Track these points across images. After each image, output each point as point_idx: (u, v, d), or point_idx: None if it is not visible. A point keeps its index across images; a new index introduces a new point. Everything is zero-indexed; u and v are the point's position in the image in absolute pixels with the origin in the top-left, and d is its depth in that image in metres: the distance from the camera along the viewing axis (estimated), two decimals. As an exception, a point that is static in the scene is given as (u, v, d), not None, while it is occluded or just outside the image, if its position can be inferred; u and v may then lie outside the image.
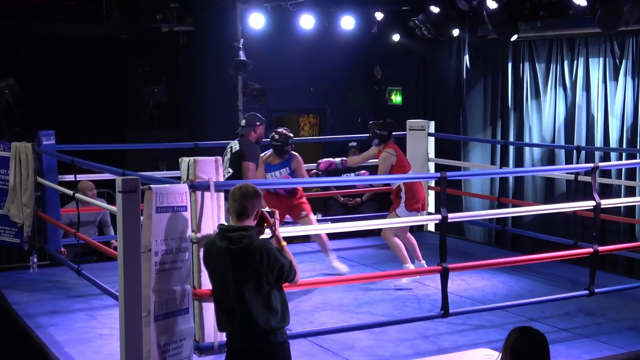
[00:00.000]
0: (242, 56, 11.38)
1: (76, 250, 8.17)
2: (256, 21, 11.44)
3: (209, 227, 5.38)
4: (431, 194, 10.27)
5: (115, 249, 6.36)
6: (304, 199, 8.42)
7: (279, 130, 8.34)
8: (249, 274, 4.45)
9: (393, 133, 8.45)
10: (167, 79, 12.67)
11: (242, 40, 11.48)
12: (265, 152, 8.35)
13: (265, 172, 8.25)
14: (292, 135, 8.34)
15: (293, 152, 8.34)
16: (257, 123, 7.86)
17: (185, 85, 12.73)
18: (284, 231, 6.87)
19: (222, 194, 5.52)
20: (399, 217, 7.98)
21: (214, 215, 5.43)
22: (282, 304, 4.56)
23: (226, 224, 4.68)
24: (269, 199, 8.18)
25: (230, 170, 7.66)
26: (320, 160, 8.60)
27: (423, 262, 8.16)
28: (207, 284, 5.19)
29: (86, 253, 8.87)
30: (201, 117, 12.38)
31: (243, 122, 7.91)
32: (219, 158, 5.60)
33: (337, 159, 8.64)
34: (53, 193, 8.48)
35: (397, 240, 8.04)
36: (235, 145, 7.76)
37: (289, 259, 4.57)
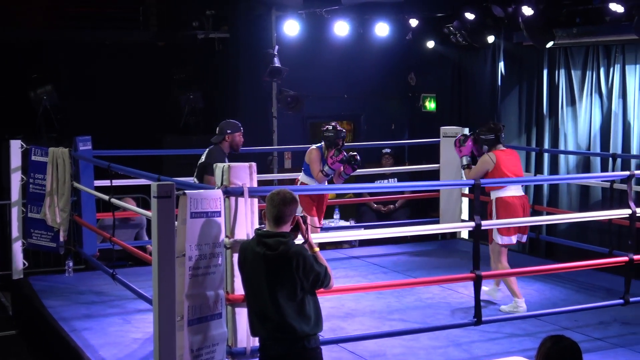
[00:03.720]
0: (276, 63, 11.43)
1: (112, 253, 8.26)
2: (291, 28, 11.49)
3: (243, 232, 5.42)
4: (465, 201, 10.25)
5: (150, 254, 6.42)
6: None
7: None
8: (284, 281, 4.47)
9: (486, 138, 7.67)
10: (203, 86, 12.77)
11: (276, 47, 11.53)
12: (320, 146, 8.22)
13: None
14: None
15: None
16: (229, 131, 7.53)
17: (220, 92, 12.81)
18: (322, 237, 6.95)
19: (255, 200, 5.55)
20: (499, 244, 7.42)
21: (247, 220, 5.46)
22: (316, 310, 4.58)
23: (263, 227, 4.70)
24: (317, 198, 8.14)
25: (196, 181, 7.33)
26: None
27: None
28: (240, 289, 5.22)
29: (122, 257, 8.96)
30: (236, 124, 12.43)
31: (217, 130, 7.61)
32: (253, 164, 5.63)
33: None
34: (89, 198, 8.58)
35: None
36: (203, 155, 7.42)
37: (324, 266, 4.59)
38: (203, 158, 7.43)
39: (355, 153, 8.23)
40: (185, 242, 5.02)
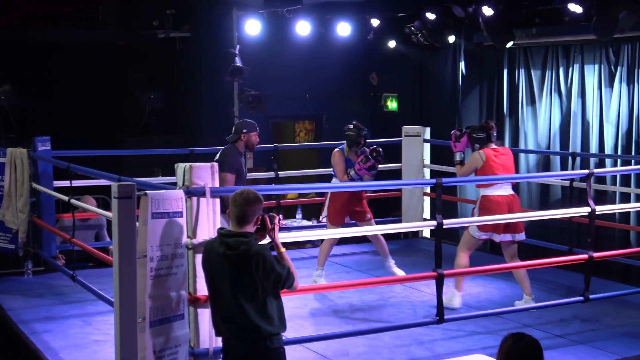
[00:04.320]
0: (238, 62, 11.39)
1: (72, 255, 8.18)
2: (252, 27, 11.46)
3: (205, 233, 5.38)
4: (427, 200, 10.29)
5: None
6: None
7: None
8: (245, 281, 4.45)
9: (482, 135, 7.63)
10: (164, 86, 12.68)
11: (238, 46, 11.50)
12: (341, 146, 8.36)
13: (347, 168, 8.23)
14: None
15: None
16: (245, 130, 7.50)
17: (181, 92, 12.74)
18: (284, 237, 6.92)
19: (217, 200, 5.52)
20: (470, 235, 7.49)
21: (209, 221, 5.43)
22: (279, 310, 4.56)
23: (226, 227, 4.68)
24: (348, 195, 8.21)
25: None
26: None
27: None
28: (202, 290, 5.19)
29: (82, 259, 8.87)
30: (197, 123, 12.39)
31: (233, 129, 7.66)
32: (215, 164, 5.60)
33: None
34: (48, 199, 8.48)
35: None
36: (217, 154, 7.46)
37: (286, 267, 4.57)
38: (217, 156, 7.39)
39: (372, 161, 8.19)
40: (147, 242, 4.99)
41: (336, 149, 8.40)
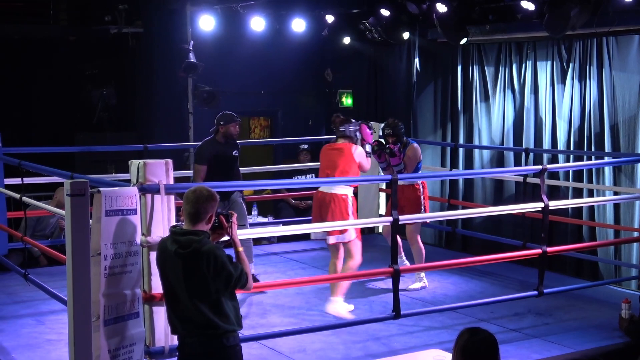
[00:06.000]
0: (192, 58, 11.31)
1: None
2: (206, 23, 11.38)
3: (159, 230, 5.33)
4: (382, 197, 10.31)
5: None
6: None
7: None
8: (197, 279, 4.42)
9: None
10: (116, 82, 12.54)
11: (192, 42, 11.42)
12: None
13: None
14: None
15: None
16: (222, 122, 7.80)
17: (134, 88, 12.61)
18: (252, 232, 6.91)
19: (172, 197, 5.47)
20: None
21: (164, 218, 5.38)
22: (234, 309, 4.53)
23: (181, 225, 4.63)
24: None
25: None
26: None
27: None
28: (157, 288, 5.14)
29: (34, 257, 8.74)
30: (151, 120, 12.27)
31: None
32: (170, 160, 5.54)
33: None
34: (-1, 197, 8.35)
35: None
36: None
37: (239, 267, 4.52)
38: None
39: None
40: (100, 240, 4.93)
41: None
